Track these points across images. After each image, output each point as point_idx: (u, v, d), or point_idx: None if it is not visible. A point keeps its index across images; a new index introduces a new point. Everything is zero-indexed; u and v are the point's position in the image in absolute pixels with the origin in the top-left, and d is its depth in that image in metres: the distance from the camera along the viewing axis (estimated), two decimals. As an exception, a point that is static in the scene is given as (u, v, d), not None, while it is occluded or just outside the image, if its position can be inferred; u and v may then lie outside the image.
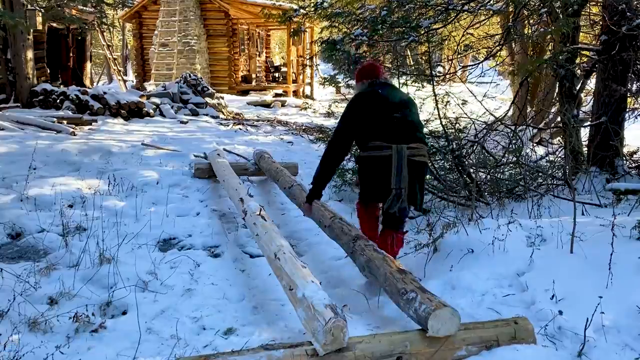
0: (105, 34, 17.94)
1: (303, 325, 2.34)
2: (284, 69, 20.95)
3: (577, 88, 5.55)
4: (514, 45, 10.49)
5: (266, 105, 15.52)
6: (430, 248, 3.48)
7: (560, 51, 5.23)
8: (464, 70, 7.65)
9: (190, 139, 8.63)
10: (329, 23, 6.22)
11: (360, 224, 3.55)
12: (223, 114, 12.37)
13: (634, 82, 5.49)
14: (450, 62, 7.79)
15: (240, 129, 10.54)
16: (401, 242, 3.46)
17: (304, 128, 11.41)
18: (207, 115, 11.62)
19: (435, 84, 5.52)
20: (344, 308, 2.79)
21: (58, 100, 10.25)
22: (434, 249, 3.45)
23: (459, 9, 5.52)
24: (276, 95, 17.53)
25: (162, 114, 11.02)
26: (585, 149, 5.55)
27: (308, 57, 17.35)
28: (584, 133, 5.76)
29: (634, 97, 5.76)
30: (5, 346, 2.45)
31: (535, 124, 8.23)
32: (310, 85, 19.80)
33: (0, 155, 6.41)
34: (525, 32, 7.79)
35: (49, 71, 12.86)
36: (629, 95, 5.47)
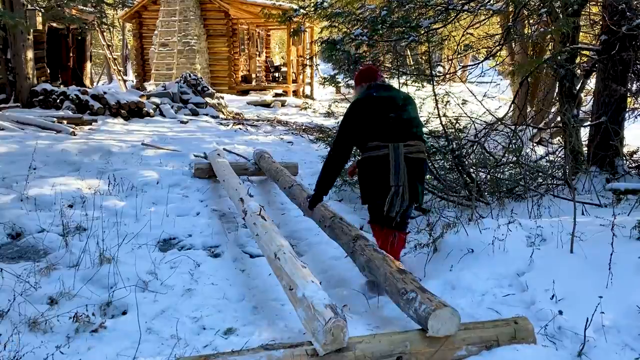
0: (105, 33, 17.94)
1: (303, 325, 2.34)
2: (284, 69, 20.95)
3: (577, 88, 5.54)
4: (514, 45, 10.48)
5: (266, 105, 15.52)
6: (430, 248, 3.48)
7: (560, 51, 5.23)
8: (464, 70, 7.65)
9: (190, 139, 8.64)
10: (329, 23, 6.21)
11: (376, 241, 3.46)
12: (223, 113, 12.37)
13: (634, 82, 5.50)
14: (450, 62, 7.79)
15: (240, 128, 10.54)
16: (403, 242, 3.47)
17: (304, 128, 11.41)
18: (207, 115, 11.63)
19: (435, 83, 5.52)
20: (344, 308, 2.79)
21: (58, 100, 10.26)
22: (434, 248, 3.46)
23: (459, 9, 5.51)
24: (276, 95, 17.53)
25: (162, 114, 11.03)
26: (585, 148, 5.55)
27: (308, 57, 17.36)
28: (584, 133, 5.76)
29: (633, 97, 5.76)
30: (5, 346, 2.45)
31: (535, 123, 8.23)
32: (310, 85, 19.81)
33: (0, 155, 6.41)
34: (525, 32, 7.79)
35: (49, 71, 12.86)
36: (628, 95, 5.47)
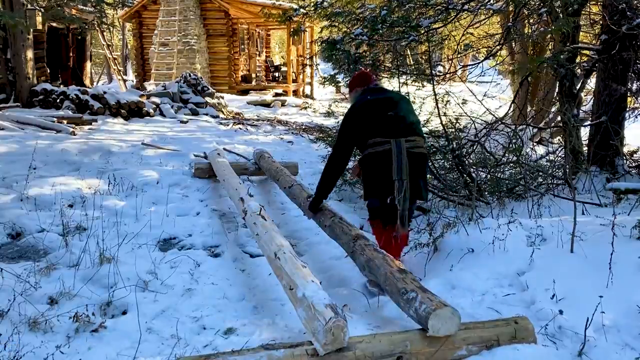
0: (105, 33, 17.94)
1: (303, 325, 2.34)
2: (284, 69, 20.93)
3: (577, 87, 5.54)
4: (514, 44, 10.48)
5: (266, 104, 15.51)
6: (430, 248, 3.49)
7: (560, 51, 5.23)
8: (464, 70, 7.66)
9: (190, 139, 8.63)
10: (329, 22, 6.22)
11: (376, 240, 3.47)
12: (223, 113, 12.37)
13: (634, 82, 5.50)
14: (450, 62, 7.80)
15: (240, 128, 10.53)
16: (406, 239, 3.49)
17: (304, 127, 11.40)
18: (207, 114, 11.62)
19: (435, 83, 5.52)
20: (344, 308, 2.79)
21: (58, 100, 10.25)
22: (434, 248, 3.46)
23: (459, 9, 5.52)
24: (276, 94, 17.53)
25: (162, 114, 11.02)
26: (585, 148, 5.55)
27: (308, 57, 17.35)
28: (584, 132, 5.76)
29: (634, 97, 5.76)
30: (5, 346, 2.45)
31: (536, 123, 8.22)
32: (310, 84, 19.80)
33: (0, 155, 6.41)
34: (525, 32, 7.79)
35: (49, 71, 12.86)
36: (629, 94, 5.47)
